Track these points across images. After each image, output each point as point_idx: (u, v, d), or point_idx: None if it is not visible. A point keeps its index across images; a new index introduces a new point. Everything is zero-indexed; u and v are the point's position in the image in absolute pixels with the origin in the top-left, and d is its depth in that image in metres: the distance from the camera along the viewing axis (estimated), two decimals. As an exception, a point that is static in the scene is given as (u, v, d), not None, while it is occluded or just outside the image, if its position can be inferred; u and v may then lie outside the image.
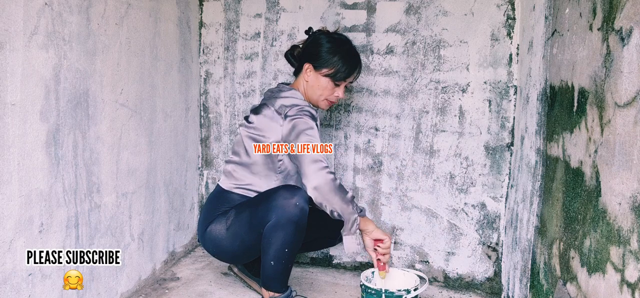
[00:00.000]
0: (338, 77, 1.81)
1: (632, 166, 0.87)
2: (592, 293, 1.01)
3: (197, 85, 2.41)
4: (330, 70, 1.79)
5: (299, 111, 1.74)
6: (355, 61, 1.84)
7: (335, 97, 1.85)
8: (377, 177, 2.24)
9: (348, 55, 1.82)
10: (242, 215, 1.76)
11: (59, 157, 1.48)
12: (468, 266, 2.15)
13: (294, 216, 1.65)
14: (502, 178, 2.08)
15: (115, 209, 1.77)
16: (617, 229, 0.91)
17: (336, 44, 1.82)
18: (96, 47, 1.62)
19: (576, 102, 1.17)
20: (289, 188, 1.70)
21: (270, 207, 1.67)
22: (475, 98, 2.09)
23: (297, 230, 1.68)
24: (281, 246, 1.69)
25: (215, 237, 1.81)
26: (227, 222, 1.78)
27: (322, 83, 1.81)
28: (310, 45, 1.85)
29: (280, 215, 1.65)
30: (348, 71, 1.81)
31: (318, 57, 1.80)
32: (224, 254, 1.85)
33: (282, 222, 1.66)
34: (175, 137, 2.20)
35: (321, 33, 1.86)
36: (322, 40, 1.83)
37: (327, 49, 1.80)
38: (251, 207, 1.75)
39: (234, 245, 1.78)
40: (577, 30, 1.19)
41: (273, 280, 1.77)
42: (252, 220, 1.72)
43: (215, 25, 2.39)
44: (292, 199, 1.66)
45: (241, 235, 1.76)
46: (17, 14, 1.30)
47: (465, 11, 2.08)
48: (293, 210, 1.65)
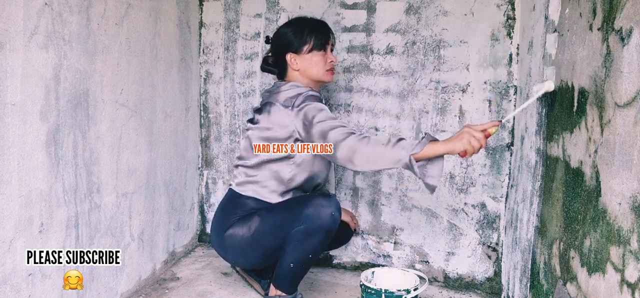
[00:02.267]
0: (320, 44, 1.82)
1: (632, 166, 0.87)
2: (592, 293, 1.01)
3: (197, 85, 2.41)
4: (310, 43, 1.81)
5: (305, 99, 1.73)
6: (322, 24, 1.88)
7: (330, 62, 1.85)
8: (377, 177, 2.24)
9: (313, 23, 1.85)
10: (269, 219, 1.74)
11: (59, 157, 1.48)
12: (468, 266, 2.15)
13: (327, 225, 1.66)
14: (502, 178, 2.08)
15: (115, 209, 1.77)
16: (617, 229, 0.91)
17: (297, 23, 1.86)
18: (96, 47, 1.62)
19: (576, 102, 1.17)
20: (326, 197, 1.70)
21: (305, 213, 1.66)
22: (475, 98, 2.09)
23: (326, 239, 1.69)
24: (306, 251, 1.69)
25: (237, 242, 1.78)
26: (252, 227, 1.75)
27: (311, 59, 1.82)
28: (278, 43, 1.87)
29: (314, 222, 1.65)
30: (323, 33, 1.84)
31: (292, 43, 1.82)
32: (244, 258, 1.83)
33: (314, 228, 1.66)
34: (175, 137, 2.20)
35: (279, 28, 1.90)
36: (284, 30, 1.86)
37: (293, 31, 1.83)
38: (282, 212, 1.73)
39: (256, 249, 1.76)
40: (577, 30, 1.19)
41: (286, 281, 1.76)
42: (281, 225, 1.71)
43: (215, 25, 2.39)
44: (328, 208, 1.66)
45: (266, 240, 1.74)
46: (17, 14, 1.30)
47: (465, 11, 2.08)
48: (328, 219, 1.65)
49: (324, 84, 1.90)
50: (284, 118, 1.73)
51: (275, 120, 1.74)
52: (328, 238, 1.70)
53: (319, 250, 1.72)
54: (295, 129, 1.71)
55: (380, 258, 2.27)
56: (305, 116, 1.68)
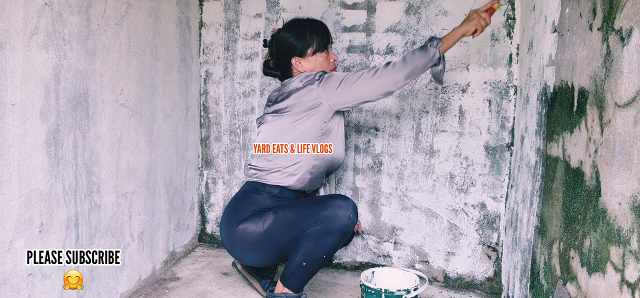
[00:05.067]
0: (323, 45, 1.86)
1: (632, 166, 0.87)
2: (592, 293, 1.01)
3: (197, 85, 2.41)
4: (313, 46, 1.84)
5: (322, 73, 1.80)
6: (320, 24, 1.90)
7: (333, 62, 1.90)
8: (377, 177, 2.24)
9: (311, 25, 1.88)
10: (284, 216, 1.74)
11: (59, 157, 1.48)
12: (468, 266, 2.15)
13: (345, 227, 1.68)
14: (502, 178, 2.08)
15: (115, 209, 1.77)
16: (617, 229, 0.91)
17: (296, 26, 1.88)
18: (96, 47, 1.62)
19: (576, 102, 1.17)
20: (344, 199, 1.72)
21: (322, 214, 1.68)
22: (475, 98, 2.09)
23: (341, 241, 1.71)
24: (320, 251, 1.69)
25: (249, 236, 1.77)
26: (265, 223, 1.75)
27: (316, 60, 1.86)
28: (279, 46, 1.88)
29: (332, 223, 1.67)
30: (324, 34, 1.87)
31: (295, 47, 1.84)
32: (253, 254, 1.81)
33: (331, 229, 1.67)
34: (175, 137, 2.20)
35: (277, 33, 1.90)
36: (284, 35, 1.87)
37: (294, 35, 1.85)
38: (298, 211, 1.74)
39: (269, 246, 1.76)
40: (577, 30, 1.19)
41: (296, 279, 1.75)
42: (297, 224, 1.71)
43: (215, 25, 2.39)
44: (347, 211, 1.68)
45: (278, 236, 1.73)
46: (17, 14, 1.30)
47: (465, 11, 2.08)
48: (345, 221, 1.68)
49: None
50: (309, 92, 1.77)
51: (301, 96, 1.77)
52: (343, 240, 1.72)
53: (333, 251, 1.73)
54: (324, 93, 1.75)
55: (380, 258, 2.27)
56: (330, 78, 1.76)
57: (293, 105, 1.78)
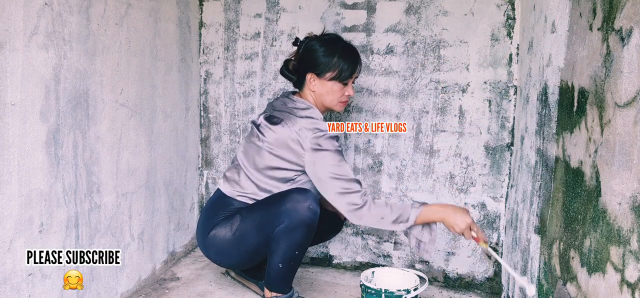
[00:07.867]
0: (343, 77, 1.76)
1: (632, 166, 0.87)
2: (592, 293, 1.01)
3: (197, 85, 2.41)
4: (334, 72, 1.75)
5: (321, 138, 1.69)
6: (354, 55, 1.80)
7: (347, 96, 1.81)
8: (377, 177, 2.24)
9: (345, 51, 1.77)
10: (249, 218, 1.74)
11: (59, 157, 1.48)
12: (468, 266, 2.15)
13: (307, 219, 1.66)
14: (502, 178, 2.08)
15: (115, 209, 1.77)
16: (617, 229, 0.91)
17: (330, 45, 1.77)
18: (96, 47, 1.62)
19: (576, 102, 1.17)
20: (301, 191, 1.70)
21: (282, 210, 1.67)
22: (475, 98, 2.09)
23: (308, 233, 1.69)
24: (291, 248, 1.69)
25: (219, 242, 1.77)
26: (233, 227, 1.75)
27: (330, 87, 1.77)
28: (305, 54, 1.79)
29: (293, 218, 1.66)
30: (351, 67, 1.77)
31: (317, 64, 1.75)
32: (228, 259, 1.82)
33: (294, 224, 1.66)
34: (175, 137, 2.20)
35: (311, 39, 1.81)
36: (315, 46, 1.77)
37: (323, 52, 1.75)
38: (260, 211, 1.73)
39: (240, 249, 1.76)
40: (577, 30, 1.19)
41: (278, 281, 1.77)
42: (262, 223, 1.71)
43: (215, 25, 2.39)
44: (305, 202, 1.66)
45: (248, 239, 1.73)
46: (17, 14, 1.30)
47: (465, 11, 2.08)
48: (306, 213, 1.66)
49: (332, 111, 1.88)
50: (295, 151, 1.70)
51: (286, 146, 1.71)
52: (311, 232, 1.70)
53: (305, 245, 1.72)
54: (305, 164, 1.70)
55: (381, 258, 2.27)
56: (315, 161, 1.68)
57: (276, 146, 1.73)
